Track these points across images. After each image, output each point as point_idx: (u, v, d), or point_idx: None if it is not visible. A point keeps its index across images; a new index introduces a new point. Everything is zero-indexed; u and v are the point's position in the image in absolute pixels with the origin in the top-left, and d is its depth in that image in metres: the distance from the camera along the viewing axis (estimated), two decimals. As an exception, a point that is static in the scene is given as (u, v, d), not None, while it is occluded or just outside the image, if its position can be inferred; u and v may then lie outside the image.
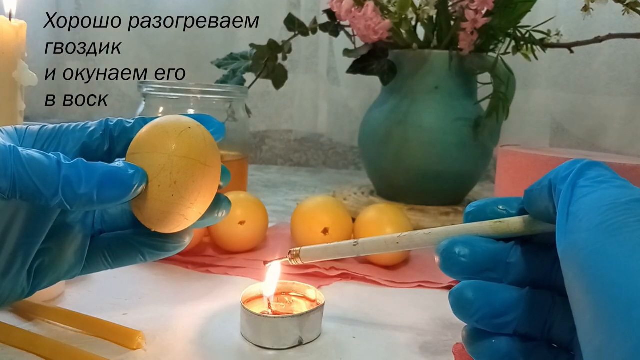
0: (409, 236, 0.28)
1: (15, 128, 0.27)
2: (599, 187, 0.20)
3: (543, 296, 0.25)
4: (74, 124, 0.28)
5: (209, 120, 0.28)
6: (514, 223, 0.25)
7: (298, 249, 0.32)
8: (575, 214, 0.19)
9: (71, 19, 1.01)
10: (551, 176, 0.22)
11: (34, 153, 0.22)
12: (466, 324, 0.26)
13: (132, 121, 0.28)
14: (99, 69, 1.01)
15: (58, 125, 0.27)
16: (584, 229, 0.18)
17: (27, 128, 0.27)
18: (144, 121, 0.28)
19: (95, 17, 0.99)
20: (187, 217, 0.26)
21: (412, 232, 0.28)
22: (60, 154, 0.23)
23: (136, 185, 0.24)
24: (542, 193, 0.23)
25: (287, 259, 0.32)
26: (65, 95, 1.04)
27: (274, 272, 0.33)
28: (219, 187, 0.28)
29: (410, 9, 0.56)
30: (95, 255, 0.29)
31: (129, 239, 0.29)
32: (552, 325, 0.24)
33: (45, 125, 0.27)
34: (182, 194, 0.25)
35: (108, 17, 0.98)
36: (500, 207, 0.27)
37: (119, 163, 0.24)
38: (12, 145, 0.22)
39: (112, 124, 0.28)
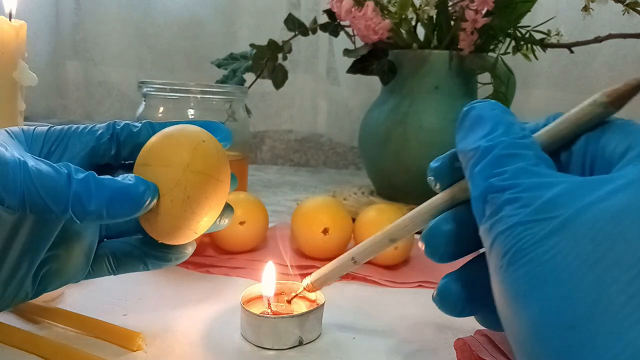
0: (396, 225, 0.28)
1: (22, 129, 0.26)
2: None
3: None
4: (82, 126, 0.27)
5: (217, 128, 0.28)
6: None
7: (309, 281, 0.32)
8: None
9: (71, 19, 1.01)
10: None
11: (43, 167, 0.22)
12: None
13: (139, 125, 0.28)
14: (99, 69, 1.01)
15: (66, 127, 0.27)
16: None
17: (34, 129, 0.27)
18: (150, 126, 0.28)
19: (95, 17, 0.99)
20: (196, 231, 0.26)
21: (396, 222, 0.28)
22: (71, 165, 0.23)
23: (147, 202, 0.24)
24: None
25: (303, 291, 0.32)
26: (65, 96, 1.04)
27: (272, 273, 0.33)
28: None
29: (410, 9, 0.56)
30: (99, 262, 0.29)
31: (133, 248, 0.29)
32: None
33: (52, 126, 0.27)
34: (194, 209, 0.25)
35: (108, 17, 0.98)
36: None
37: (130, 178, 0.24)
38: (22, 159, 0.22)
39: (119, 127, 0.28)
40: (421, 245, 0.25)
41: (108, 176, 0.24)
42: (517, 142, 0.21)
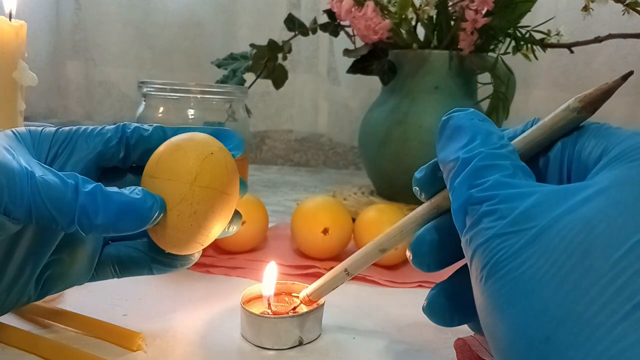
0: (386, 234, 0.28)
1: (29, 130, 0.26)
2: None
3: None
4: (90, 128, 0.27)
5: (228, 136, 0.28)
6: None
7: (305, 294, 0.32)
8: None
9: (71, 19, 1.01)
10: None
11: (50, 177, 0.22)
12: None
13: (150, 129, 0.27)
14: (99, 69, 1.01)
15: (74, 128, 0.27)
16: None
17: (42, 130, 0.26)
18: (162, 130, 0.27)
19: (96, 17, 0.99)
20: (203, 243, 0.26)
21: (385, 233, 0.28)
22: (79, 176, 0.23)
23: (154, 218, 0.24)
24: None
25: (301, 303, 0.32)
26: (65, 96, 1.04)
27: (272, 272, 0.33)
28: None
29: (410, 9, 0.56)
30: (103, 266, 0.29)
31: (139, 253, 0.29)
32: None
33: (60, 128, 0.27)
34: (200, 223, 0.25)
35: (108, 17, 0.98)
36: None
37: (137, 191, 0.24)
38: (30, 168, 0.22)
39: (129, 130, 0.27)
40: (409, 255, 0.25)
41: (115, 188, 0.23)
42: (495, 153, 0.20)
